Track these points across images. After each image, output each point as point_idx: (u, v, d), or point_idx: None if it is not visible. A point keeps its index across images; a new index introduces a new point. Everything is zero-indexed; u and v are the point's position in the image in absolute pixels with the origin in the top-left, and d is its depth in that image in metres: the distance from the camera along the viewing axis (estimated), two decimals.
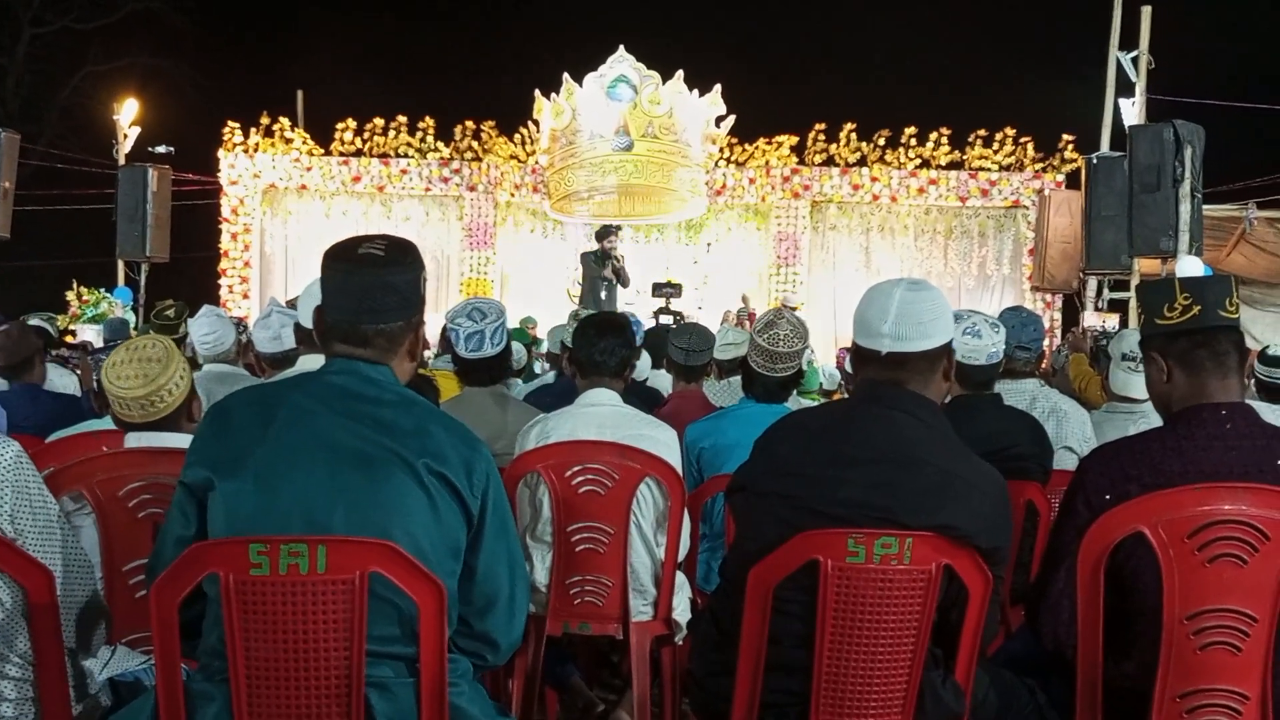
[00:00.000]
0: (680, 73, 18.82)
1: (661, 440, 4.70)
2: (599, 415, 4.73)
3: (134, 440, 3.79)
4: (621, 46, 19.11)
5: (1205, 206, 13.59)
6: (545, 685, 4.86)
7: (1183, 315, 3.22)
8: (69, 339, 15.43)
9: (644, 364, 7.74)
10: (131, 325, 15.98)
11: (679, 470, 4.63)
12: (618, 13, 31.45)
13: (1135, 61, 17.91)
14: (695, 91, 19.08)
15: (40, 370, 7.01)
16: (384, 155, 20.65)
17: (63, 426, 5.83)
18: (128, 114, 21.26)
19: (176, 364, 3.80)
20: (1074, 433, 5.60)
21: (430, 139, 20.59)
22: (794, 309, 17.20)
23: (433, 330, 10.61)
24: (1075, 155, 19.43)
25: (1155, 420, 3.42)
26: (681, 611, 4.74)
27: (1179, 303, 3.22)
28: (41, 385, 6.89)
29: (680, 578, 4.77)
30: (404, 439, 2.78)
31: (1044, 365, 10.30)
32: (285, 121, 20.92)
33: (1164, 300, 3.25)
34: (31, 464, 2.99)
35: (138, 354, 3.77)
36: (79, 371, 9.01)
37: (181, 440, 3.65)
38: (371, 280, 2.84)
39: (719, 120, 19.47)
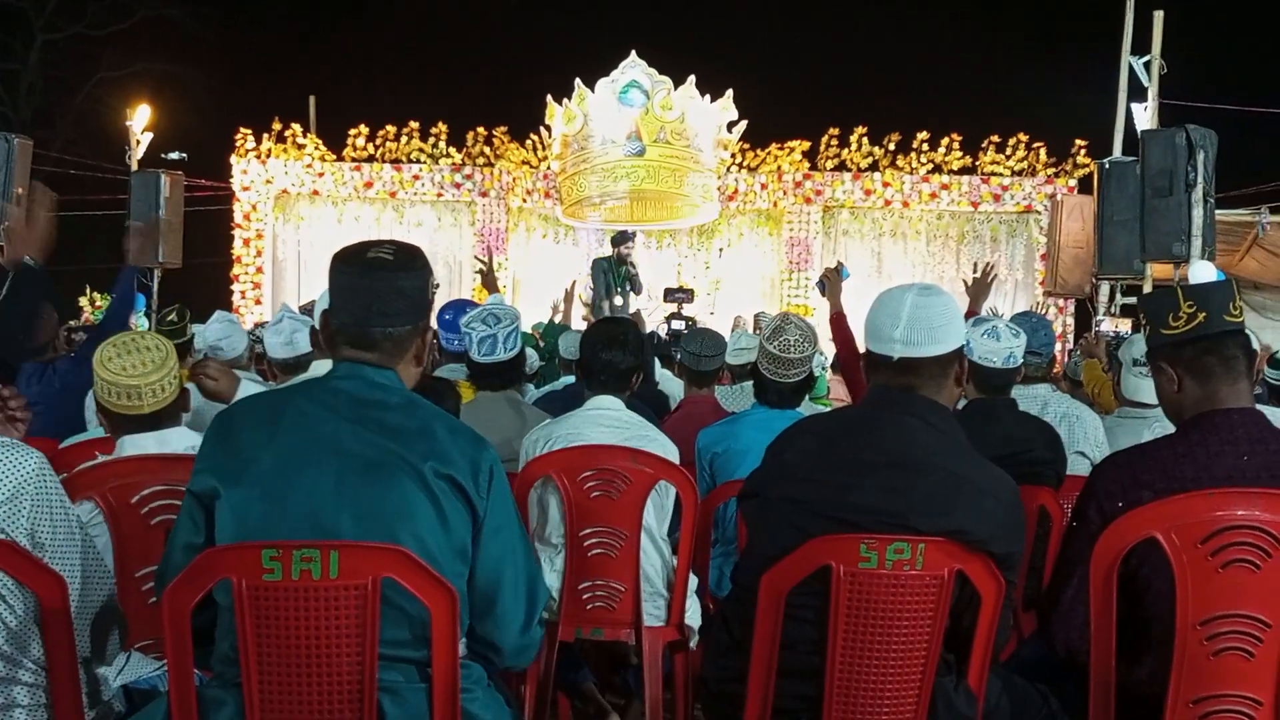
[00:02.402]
0: (692, 78, 18.77)
1: (663, 446, 4.73)
2: (601, 418, 4.75)
3: (130, 445, 3.80)
4: (633, 52, 19.05)
5: (1218, 211, 13.51)
6: (558, 691, 4.86)
7: (1189, 324, 3.21)
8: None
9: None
10: (145, 330, 16.01)
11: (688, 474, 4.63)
12: (629, 18, 31.56)
13: (1148, 66, 17.93)
14: (707, 97, 19.01)
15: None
16: (396, 161, 20.52)
17: (74, 395, 5.88)
18: (140, 120, 21.28)
19: (174, 362, 3.82)
20: (1087, 437, 5.61)
21: (442, 145, 20.46)
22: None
23: None
24: (1087, 160, 19.29)
25: (1169, 425, 3.41)
26: (692, 616, 4.73)
27: (1184, 311, 3.21)
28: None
29: (691, 581, 4.77)
30: (410, 443, 2.79)
31: (1056, 370, 10.27)
32: (297, 127, 20.80)
33: (1168, 310, 3.24)
34: (54, 475, 2.97)
35: (135, 344, 3.79)
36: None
37: (179, 436, 3.71)
38: (380, 284, 2.85)
39: (731, 125, 19.39)
